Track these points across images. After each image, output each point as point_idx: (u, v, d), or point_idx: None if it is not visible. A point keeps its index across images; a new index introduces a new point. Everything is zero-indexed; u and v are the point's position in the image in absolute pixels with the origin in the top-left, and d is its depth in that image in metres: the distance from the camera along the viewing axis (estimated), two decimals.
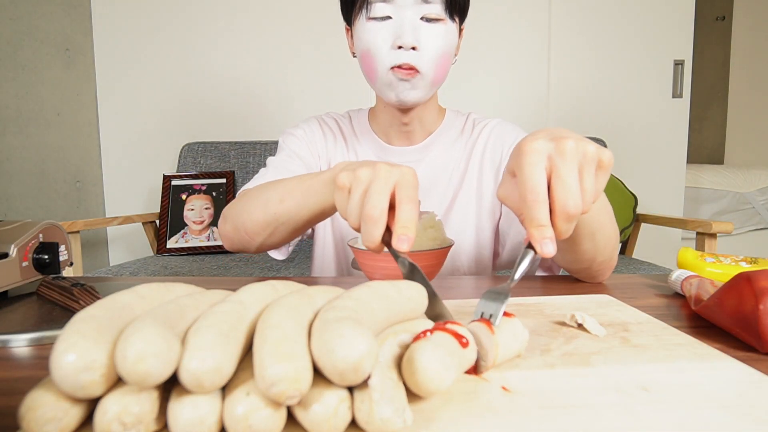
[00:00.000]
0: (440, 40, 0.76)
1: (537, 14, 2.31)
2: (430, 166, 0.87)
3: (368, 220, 0.44)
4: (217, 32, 2.26)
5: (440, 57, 0.76)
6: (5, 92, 1.84)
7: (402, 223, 0.43)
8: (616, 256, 0.66)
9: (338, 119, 0.94)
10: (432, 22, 0.75)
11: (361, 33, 0.77)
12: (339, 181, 0.49)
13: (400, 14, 0.74)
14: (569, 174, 0.40)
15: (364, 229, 0.44)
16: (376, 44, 0.75)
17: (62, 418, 0.25)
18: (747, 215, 2.61)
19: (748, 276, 0.41)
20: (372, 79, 0.80)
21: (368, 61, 0.78)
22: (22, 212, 1.90)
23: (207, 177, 2.06)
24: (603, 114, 2.36)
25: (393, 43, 0.74)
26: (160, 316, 0.27)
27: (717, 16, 3.83)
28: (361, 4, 0.76)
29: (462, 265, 0.86)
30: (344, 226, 0.89)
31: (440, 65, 0.77)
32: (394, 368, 0.30)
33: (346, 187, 0.48)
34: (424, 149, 0.88)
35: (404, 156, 0.88)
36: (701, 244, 1.61)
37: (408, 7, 0.74)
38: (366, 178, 0.47)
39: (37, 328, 0.46)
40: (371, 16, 0.75)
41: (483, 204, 0.87)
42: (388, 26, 0.75)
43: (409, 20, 0.74)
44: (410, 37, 0.73)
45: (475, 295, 0.61)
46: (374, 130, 0.90)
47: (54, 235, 0.63)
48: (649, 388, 0.33)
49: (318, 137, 0.91)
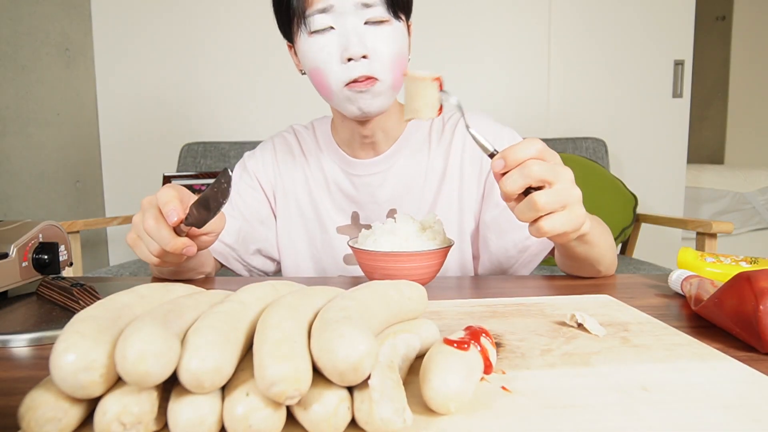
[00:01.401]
0: (390, 42, 0.71)
1: (537, 14, 2.31)
2: (399, 174, 0.84)
3: (150, 233, 0.57)
4: (217, 32, 2.26)
5: (394, 60, 0.72)
6: (5, 92, 1.84)
7: (161, 203, 0.57)
8: (614, 263, 0.73)
9: (299, 134, 0.91)
10: (377, 24, 0.70)
11: (306, 50, 0.72)
12: (128, 241, 0.62)
13: (342, 23, 0.69)
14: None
15: (156, 239, 0.57)
16: (324, 60, 0.71)
17: (62, 418, 0.25)
18: (747, 215, 2.61)
19: (748, 276, 0.41)
20: (327, 96, 0.75)
21: (319, 78, 0.73)
22: (22, 212, 1.90)
23: (207, 177, 2.06)
24: (603, 114, 2.35)
25: (341, 56, 0.70)
26: (159, 316, 0.27)
27: (717, 16, 3.83)
28: (299, 19, 0.71)
29: (448, 268, 0.84)
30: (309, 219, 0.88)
31: (396, 68, 0.73)
32: (394, 368, 0.30)
33: (135, 237, 0.61)
34: (390, 158, 0.84)
35: (369, 168, 0.84)
36: (701, 244, 1.61)
37: (349, 13, 0.69)
38: (137, 219, 0.60)
39: (37, 328, 0.46)
40: (313, 30, 0.70)
41: (465, 207, 0.84)
42: (333, 38, 0.70)
43: (353, 27, 0.69)
44: (358, 46, 0.68)
45: (463, 296, 0.61)
46: (337, 142, 0.86)
47: (54, 235, 0.63)
48: (649, 388, 0.33)
49: (269, 164, 0.89)
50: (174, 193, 0.57)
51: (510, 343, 0.42)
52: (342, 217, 0.87)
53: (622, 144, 2.33)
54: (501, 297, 0.58)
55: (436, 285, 0.66)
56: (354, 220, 0.86)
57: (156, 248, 0.59)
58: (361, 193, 0.85)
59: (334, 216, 0.86)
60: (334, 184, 0.86)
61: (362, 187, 0.85)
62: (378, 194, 0.84)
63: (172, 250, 0.57)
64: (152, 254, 0.60)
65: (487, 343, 0.34)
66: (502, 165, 0.51)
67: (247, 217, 0.86)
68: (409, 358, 0.34)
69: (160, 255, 0.60)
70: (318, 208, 0.87)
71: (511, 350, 0.40)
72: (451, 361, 0.30)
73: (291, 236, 0.89)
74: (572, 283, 0.68)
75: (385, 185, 0.84)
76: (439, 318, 0.49)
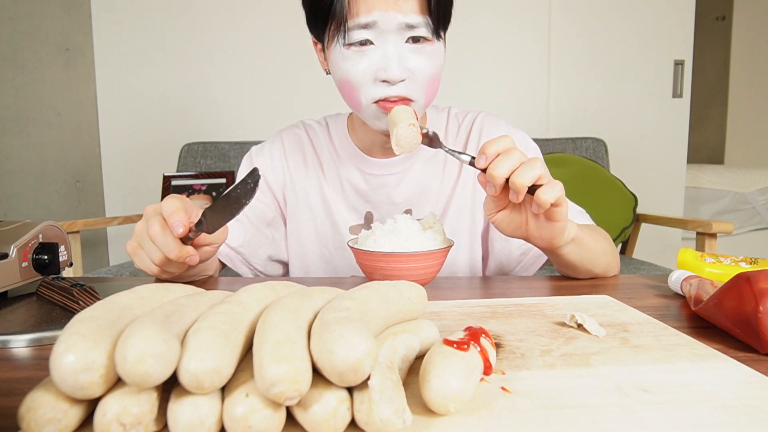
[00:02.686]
0: (430, 63, 0.69)
1: (537, 14, 2.31)
2: (417, 175, 0.83)
3: (155, 240, 0.56)
4: (218, 32, 2.26)
5: (430, 81, 0.70)
6: (5, 92, 1.84)
7: (166, 214, 0.55)
8: (616, 265, 0.75)
9: (311, 130, 0.88)
10: (418, 44, 0.68)
11: (338, 61, 0.69)
12: (128, 249, 0.60)
13: (383, 41, 0.66)
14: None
15: (161, 246, 0.56)
16: (357, 76, 0.67)
17: (62, 419, 0.25)
18: (747, 215, 2.61)
19: (747, 276, 0.41)
20: (355, 108, 0.73)
21: (348, 91, 0.70)
22: (22, 212, 1.90)
23: (207, 177, 2.06)
24: (603, 114, 2.35)
25: (377, 76, 0.67)
26: (159, 316, 0.27)
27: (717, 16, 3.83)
28: (337, 28, 0.67)
29: (458, 269, 0.84)
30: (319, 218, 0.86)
31: (431, 89, 0.71)
32: (394, 369, 0.30)
33: (135, 246, 0.60)
34: (408, 159, 0.83)
35: (387, 168, 0.83)
36: (701, 244, 1.61)
37: (392, 32, 0.66)
38: (140, 227, 0.58)
39: (37, 328, 0.46)
40: (349, 42, 0.67)
41: (477, 209, 0.84)
42: (370, 56, 0.66)
43: (394, 49, 0.66)
44: (397, 69, 0.66)
45: (463, 297, 0.61)
46: (353, 140, 0.84)
47: (54, 236, 0.63)
48: (649, 388, 0.33)
49: (277, 161, 0.86)
50: (179, 204, 0.56)
51: (510, 343, 0.42)
52: (355, 216, 0.85)
53: (622, 144, 2.33)
54: (501, 297, 0.58)
55: (436, 285, 0.66)
56: (367, 220, 0.85)
57: (158, 256, 0.57)
58: (377, 193, 0.84)
59: (346, 215, 0.85)
60: (348, 183, 0.84)
61: (378, 187, 0.83)
62: (394, 195, 0.83)
63: (176, 258, 0.55)
64: (153, 262, 0.58)
65: (486, 343, 0.34)
66: (485, 160, 0.56)
67: (253, 220, 0.84)
68: (409, 358, 0.34)
69: (162, 264, 0.58)
70: (330, 207, 0.85)
71: (510, 351, 0.40)
72: (451, 361, 0.30)
73: (300, 236, 0.87)
74: (572, 283, 0.68)
75: (402, 186, 0.83)
76: (438, 318, 0.49)
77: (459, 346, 0.32)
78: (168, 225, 0.55)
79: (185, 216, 0.55)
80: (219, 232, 0.59)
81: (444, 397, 0.28)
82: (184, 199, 0.58)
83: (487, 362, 0.34)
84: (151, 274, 0.62)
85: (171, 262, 0.58)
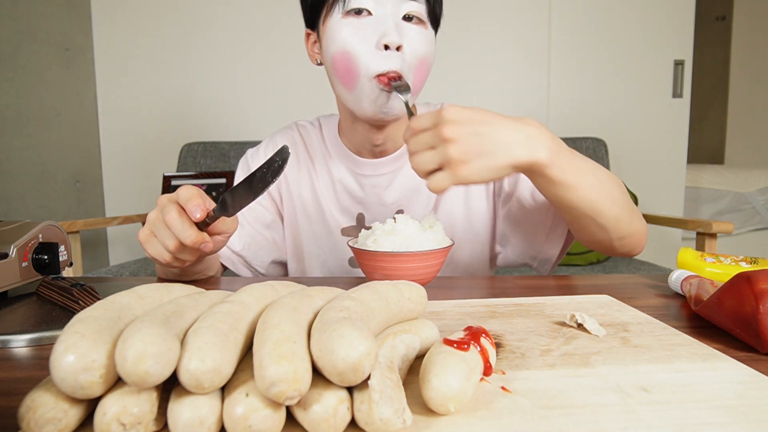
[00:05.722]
0: (424, 43, 0.71)
1: (537, 14, 2.31)
2: (407, 176, 0.82)
3: (171, 225, 0.55)
4: (217, 32, 2.26)
5: (423, 62, 0.72)
6: (5, 92, 1.84)
7: (183, 200, 0.56)
8: (639, 228, 0.68)
9: (304, 131, 0.88)
10: (414, 23, 0.70)
11: (336, 31, 0.69)
12: (140, 237, 0.60)
13: (381, 9, 0.68)
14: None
15: (177, 232, 0.55)
16: (357, 43, 0.68)
17: (62, 419, 0.25)
18: (747, 215, 2.61)
19: (747, 276, 0.41)
20: (349, 86, 0.71)
21: (346, 64, 0.69)
22: (22, 212, 1.90)
23: (207, 177, 2.06)
24: (603, 114, 2.35)
25: (377, 42, 0.68)
26: (159, 316, 0.27)
27: (717, 16, 3.83)
28: None
29: (457, 267, 0.84)
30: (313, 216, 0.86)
31: (422, 72, 0.72)
32: (394, 369, 0.30)
33: (148, 233, 0.59)
34: (399, 159, 0.82)
35: (377, 168, 0.83)
36: (701, 244, 1.61)
37: (389, 3, 0.68)
38: (153, 215, 0.58)
39: (37, 328, 0.46)
40: (349, 9, 0.68)
41: (472, 205, 0.83)
42: (369, 23, 0.68)
43: (392, 16, 0.68)
44: (395, 35, 0.67)
45: (463, 296, 0.61)
46: (343, 142, 0.85)
47: (54, 236, 0.63)
48: (649, 388, 0.33)
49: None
50: (195, 191, 0.57)
51: (510, 343, 0.42)
52: (347, 218, 0.85)
53: (622, 144, 2.33)
54: (501, 297, 0.58)
55: (435, 285, 0.66)
56: (359, 221, 0.85)
57: (173, 243, 0.57)
58: (368, 194, 0.84)
59: (338, 217, 0.85)
60: (340, 184, 0.85)
61: (369, 188, 0.83)
62: (385, 196, 0.83)
63: (192, 243, 0.56)
64: (168, 249, 0.58)
65: (486, 343, 0.34)
66: (411, 131, 0.58)
67: (252, 223, 0.85)
68: (409, 358, 0.34)
69: (176, 250, 0.58)
70: (322, 209, 0.85)
71: (510, 350, 0.40)
72: (451, 361, 0.30)
73: (297, 238, 0.87)
74: (572, 283, 0.68)
75: (393, 187, 0.83)
76: (439, 318, 0.49)
77: (459, 346, 0.32)
78: (185, 211, 0.56)
79: (202, 201, 0.56)
80: (231, 221, 0.60)
81: (444, 397, 0.28)
82: (199, 189, 0.59)
83: (487, 362, 0.34)
84: (163, 263, 0.61)
85: (184, 248, 0.58)
